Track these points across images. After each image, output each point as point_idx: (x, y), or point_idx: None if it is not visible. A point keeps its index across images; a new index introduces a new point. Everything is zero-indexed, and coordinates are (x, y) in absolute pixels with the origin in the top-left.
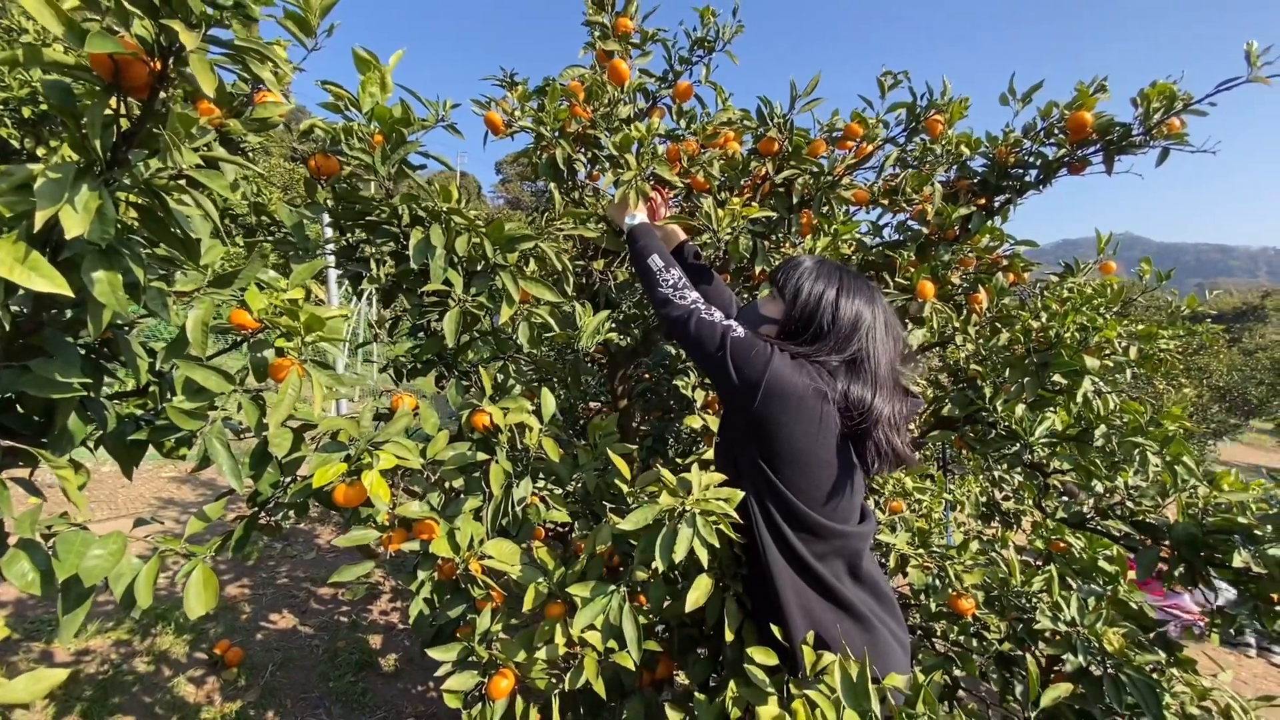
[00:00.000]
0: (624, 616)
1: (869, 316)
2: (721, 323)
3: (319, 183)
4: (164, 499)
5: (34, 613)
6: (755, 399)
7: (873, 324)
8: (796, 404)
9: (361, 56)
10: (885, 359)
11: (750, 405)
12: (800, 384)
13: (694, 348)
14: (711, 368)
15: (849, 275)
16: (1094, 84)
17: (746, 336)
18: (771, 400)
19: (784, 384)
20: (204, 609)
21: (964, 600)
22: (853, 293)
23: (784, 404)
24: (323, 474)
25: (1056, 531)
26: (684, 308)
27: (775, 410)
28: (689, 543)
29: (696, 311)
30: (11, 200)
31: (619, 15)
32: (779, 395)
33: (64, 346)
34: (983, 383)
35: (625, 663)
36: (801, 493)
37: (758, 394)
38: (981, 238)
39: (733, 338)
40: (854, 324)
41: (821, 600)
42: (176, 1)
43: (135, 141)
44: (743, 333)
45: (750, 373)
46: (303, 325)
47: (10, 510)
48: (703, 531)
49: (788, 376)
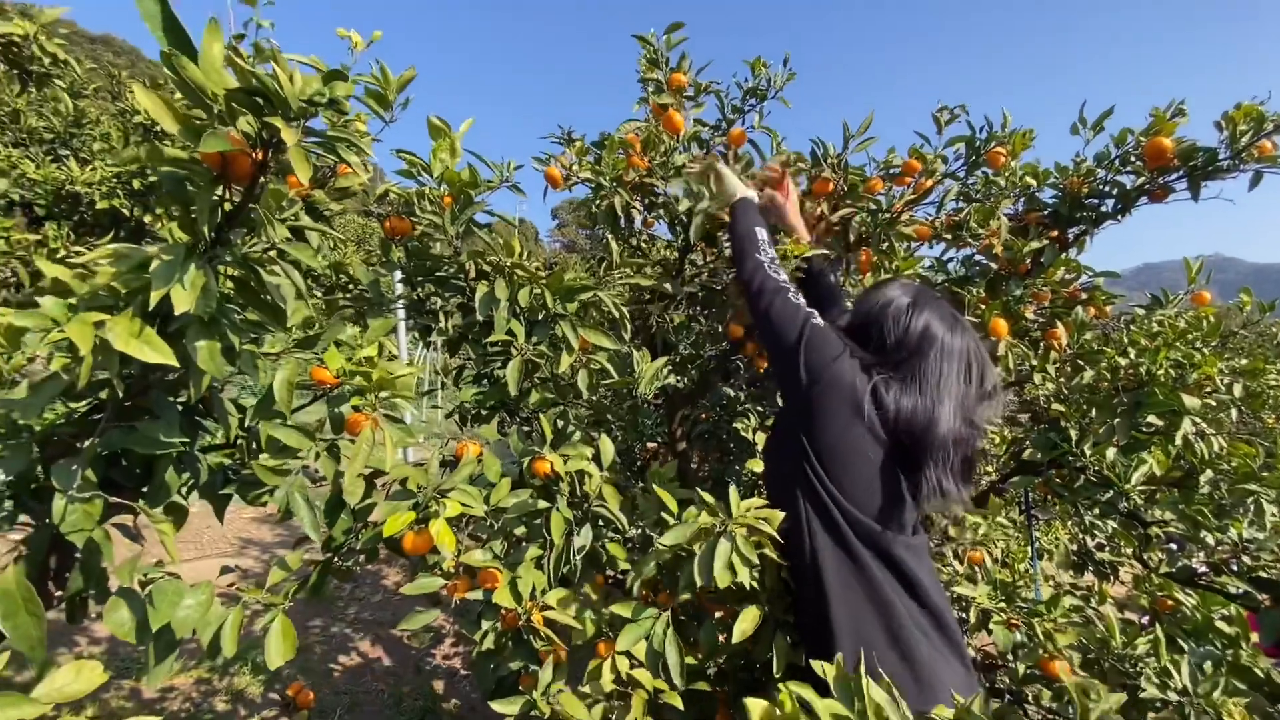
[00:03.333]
0: (667, 642)
1: (941, 335)
2: (805, 308)
3: (393, 242)
4: (245, 538)
5: (124, 650)
6: (814, 386)
7: (946, 346)
8: (849, 399)
9: (435, 125)
10: (955, 386)
11: (807, 391)
12: (857, 384)
13: (770, 325)
14: (781, 349)
15: (928, 294)
16: (1171, 108)
17: (828, 328)
18: (827, 390)
19: (841, 377)
20: (283, 659)
21: (1057, 663)
22: (927, 309)
23: (836, 395)
24: (393, 522)
25: (1162, 587)
26: (776, 281)
27: (826, 400)
28: (728, 557)
29: (785, 290)
30: (128, 278)
31: (673, 71)
32: (834, 386)
33: (167, 408)
34: (1067, 424)
35: (674, 702)
36: (846, 491)
37: (819, 382)
38: (1056, 270)
39: (813, 324)
40: (921, 339)
41: (874, 617)
42: (278, 100)
43: (236, 222)
44: (822, 322)
45: (817, 360)
46: (376, 383)
47: (113, 558)
48: (742, 548)
49: (847, 373)
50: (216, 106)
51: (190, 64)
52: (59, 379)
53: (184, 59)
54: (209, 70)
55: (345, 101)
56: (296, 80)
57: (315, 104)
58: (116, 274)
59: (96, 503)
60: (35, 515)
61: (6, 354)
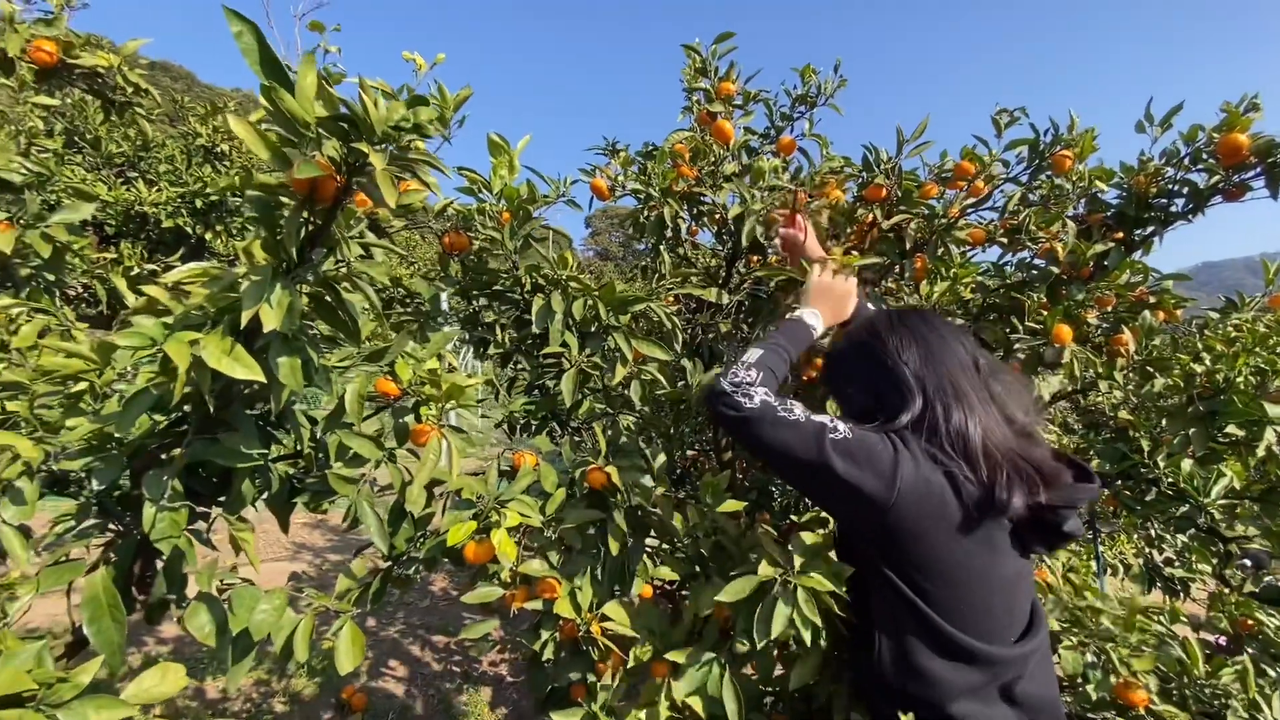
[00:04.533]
0: (724, 688)
1: (941, 352)
2: (812, 419)
3: (451, 257)
4: (298, 543)
5: (189, 650)
6: (889, 507)
7: (948, 359)
8: (939, 502)
9: (495, 142)
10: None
11: (882, 517)
12: (934, 478)
13: (777, 457)
14: (810, 479)
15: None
16: (1244, 103)
17: (855, 431)
18: (908, 505)
19: (917, 481)
20: (352, 665)
21: (1136, 691)
22: (898, 336)
23: (924, 506)
24: (456, 532)
25: (1243, 607)
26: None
27: (913, 515)
28: (785, 621)
29: (769, 410)
30: (218, 298)
31: (721, 80)
32: (916, 496)
33: (246, 421)
34: (1136, 434)
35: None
36: (950, 612)
37: (891, 499)
38: (1121, 274)
39: (833, 438)
40: (923, 370)
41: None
42: (364, 126)
43: (318, 242)
44: (845, 429)
45: (874, 475)
46: (444, 394)
47: (195, 563)
48: (804, 608)
49: (917, 470)
50: (308, 134)
51: (287, 95)
52: (149, 394)
53: (281, 91)
54: (303, 100)
55: (429, 126)
56: (381, 106)
57: (401, 129)
58: (209, 294)
59: (183, 511)
60: (121, 523)
61: (99, 369)
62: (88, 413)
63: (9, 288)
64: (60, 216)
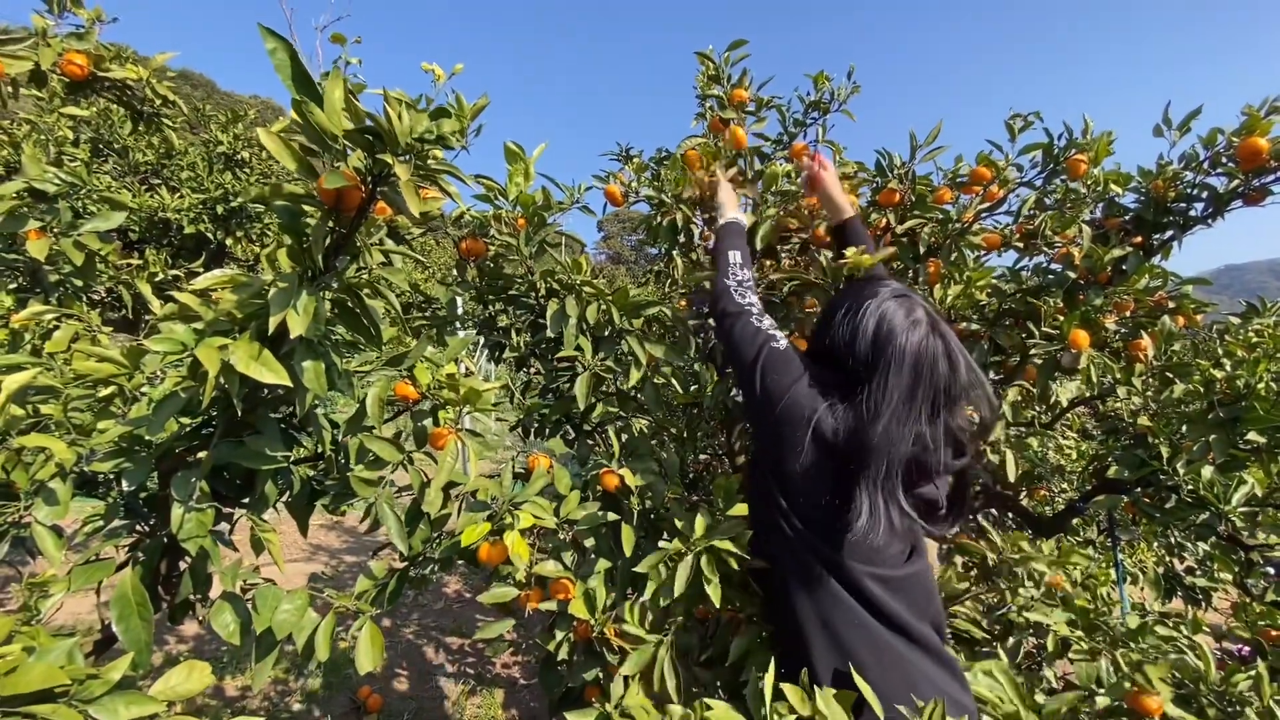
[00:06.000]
0: (665, 666)
1: (895, 338)
2: (767, 331)
3: (468, 262)
4: (314, 544)
5: (209, 647)
6: (772, 413)
7: (898, 350)
8: (805, 426)
9: (511, 150)
10: (897, 396)
11: (767, 418)
12: (818, 409)
13: (732, 349)
14: (740, 373)
15: (879, 289)
16: (1265, 106)
17: (786, 350)
18: (784, 417)
19: (797, 403)
20: (372, 665)
21: (1150, 698)
22: (880, 308)
23: (792, 422)
24: (470, 533)
25: (1266, 617)
26: (740, 304)
27: (785, 427)
28: (685, 582)
29: (748, 313)
30: (245, 304)
31: (734, 87)
32: (790, 412)
33: (270, 424)
34: (1156, 440)
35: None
36: (808, 520)
37: (776, 408)
38: (1140, 278)
39: (771, 347)
40: (873, 347)
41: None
42: (389, 138)
43: (342, 250)
44: (783, 345)
45: (774, 385)
46: (463, 398)
47: (220, 563)
48: (705, 570)
49: (803, 398)
50: (335, 146)
51: (317, 109)
52: (178, 398)
53: (312, 105)
54: (331, 113)
55: (452, 137)
56: (405, 119)
57: (425, 140)
58: (237, 301)
59: (209, 512)
60: (147, 523)
61: (129, 373)
62: (118, 416)
63: (38, 293)
64: (92, 225)
